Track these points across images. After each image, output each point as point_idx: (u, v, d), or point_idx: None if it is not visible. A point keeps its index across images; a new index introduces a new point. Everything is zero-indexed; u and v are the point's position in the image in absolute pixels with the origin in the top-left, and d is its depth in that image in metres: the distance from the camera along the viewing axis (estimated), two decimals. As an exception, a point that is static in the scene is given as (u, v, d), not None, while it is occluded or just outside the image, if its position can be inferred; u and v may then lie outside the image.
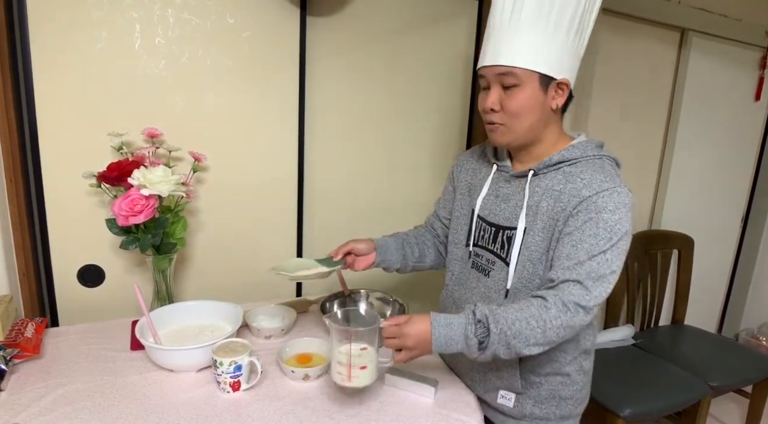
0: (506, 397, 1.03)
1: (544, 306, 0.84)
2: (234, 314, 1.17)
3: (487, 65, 0.93)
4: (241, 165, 1.46)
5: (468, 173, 1.14)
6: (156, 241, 1.18)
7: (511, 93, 0.91)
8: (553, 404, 1.02)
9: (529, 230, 0.95)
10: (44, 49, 1.19)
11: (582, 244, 0.86)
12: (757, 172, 2.71)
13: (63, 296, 1.33)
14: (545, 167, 0.96)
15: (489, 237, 1.03)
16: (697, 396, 1.75)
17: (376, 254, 1.16)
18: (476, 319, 0.85)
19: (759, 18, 2.35)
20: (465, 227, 1.10)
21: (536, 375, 1.01)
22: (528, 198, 0.96)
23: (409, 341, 0.85)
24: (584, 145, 0.96)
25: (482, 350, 0.85)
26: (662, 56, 2.19)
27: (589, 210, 0.87)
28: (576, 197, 0.89)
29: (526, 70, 0.89)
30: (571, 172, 0.93)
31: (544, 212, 0.93)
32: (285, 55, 1.45)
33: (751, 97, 2.51)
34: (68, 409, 0.91)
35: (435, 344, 0.85)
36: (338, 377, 0.89)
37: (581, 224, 0.87)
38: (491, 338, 0.83)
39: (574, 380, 1.02)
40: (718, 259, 2.74)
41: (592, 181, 0.89)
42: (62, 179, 1.26)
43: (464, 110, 1.79)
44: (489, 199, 1.05)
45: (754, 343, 2.69)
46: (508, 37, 0.90)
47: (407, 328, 0.85)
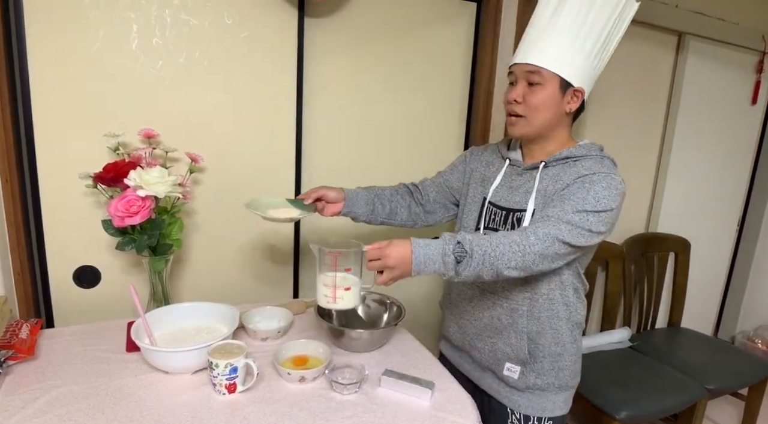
0: (512, 369, 1.13)
1: (525, 234, 0.95)
2: (230, 315, 1.17)
3: (518, 62, 1.06)
4: (238, 166, 1.46)
5: (482, 164, 1.23)
6: (152, 242, 1.17)
7: (534, 89, 1.04)
8: (552, 375, 1.12)
9: (538, 211, 1.06)
10: (41, 49, 1.19)
11: (569, 201, 0.98)
12: (753, 176, 2.72)
13: (58, 297, 1.32)
14: (555, 160, 1.07)
15: (500, 219, 1.13)
16: (693, 398, 1.75)
17: (344, 204, 1.22)
18: (455, 240, 0.94)
19: (756, 22, 2.36)
20: (475, 213, 1.19)
21: (538, 345, 1.10)
22: (537, 184, 1.08)
23: (390, 261, 0.92)
24: (588, 147, 1.08)
25: (458, 268, 0.93)
26: (660, 59, 2.20)
27: (583, 182, 1.00)
28: (575, 176, 1.02)
29: (550, 72, 1.02)
30: (577, 164, 1.06)
31: (552, 194, 1.05)
32: (283, 56, 1.44)
33: (747, 101, 2.52)
34: (63, 411, 0.90)
35: (414, 262, 0.92)
36: (324, 300, 0.96)
37: (574, 189, 1.00)
38: (475, 258, 0.92)
39: (569, 350, 1.12)
40: (715, 262, 2.75)
41: (592, 168, 1.02)
42: (58, 180, 1.26)
43: (462, 111, 1.79)
44: (501, 188, 1.15)
45: (750, 346, 2.70)
46: (542, 41, 1.03)
47: (388, 249, 0.92)
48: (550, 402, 1.13)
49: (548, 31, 1.03)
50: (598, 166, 1.02)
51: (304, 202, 1.17)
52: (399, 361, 1.16)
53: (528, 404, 1.13)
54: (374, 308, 1.34)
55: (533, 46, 1.04)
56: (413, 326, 1.81)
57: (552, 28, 1.02)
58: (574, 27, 1.01)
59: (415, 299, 1.90)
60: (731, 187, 2.66)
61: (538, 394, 1.13)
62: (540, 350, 1.10)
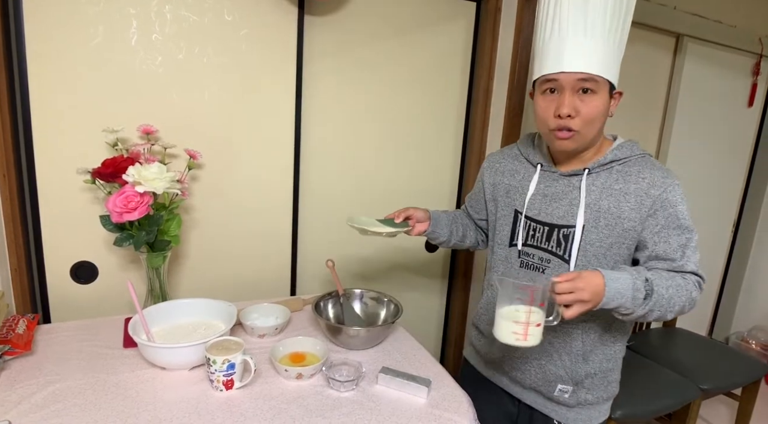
0: (564, 389, 1.09)
1: (684, 279, 0.94)
2: (228, 312, 1.17)
3: (567, 71, 0.95)
4: (237, 163, 1.46)
5: (504, 175, 1.17)
6: (150, 238, 1.17)
7: (588, 99, 0.95)
8: (602, 389, 1.10)
9: (590, 228, 1.00)
10: (40, 44, 1.18)
11: (671, 236, 0.96)
12: (749, 178, 2.74)
13: (55, 293, 1.32)
14: (599, 166, 1.01)
15: (541, 236, 1.06)
16: (687, 399, 1.76)
17: (429, 224, 1.21)
18: (643, 276, 0.90)
19: (753, 25, 2.37)
20: (508, 228, 1.14)
21: (591, 363, 1.07)
22: (585, 196, 1.00)
23: (585, 295, 0.85)
24: (630, 146, 1.02)
25: (643, 304, 0.90)
26: (657, 61, 2.21)
27: (665, 208, 0.96)
28: (648, 197, 0.96)
29: (604, 78, 0.95)
30: (627, 171, 1.00)
31: (606, 210, 0.99)
32: (282, 53, 1.44)
33: (744, 103, 2.53)
34: (59, 406, 0.90)
35: (606, 295, 0.87)
36: (512, 338, 0.88)
37: (663, 221, 0.96)
38: (654, 298, 0.89)
39: (617, 364, 1.11)
40: (710, 263, 2.76)
41: (655, 179, 0.97)
42: (56, 175, 1.25)
43: (461, 110, 1.80)
44: (536, 199, 1.08)
45: (744, 346, 2.72)
46: (589, 46, 0.94)
47: (582, 282, 0.86)
48: (596, 412, 1.12)
49: (589, 33, 0.93)
50: (657, 172, 0.97)
51: (394, 220, 1.17)
52: (396, 358, 1.17)
53: (576, 417, 1.11)
54: (372, 306, 1.35)
55: (580, 50, 0.94)
56: (410, 323, 1.81)
57: (592, 30, 0.93)
58: (612, 28, 0.93)
59: (413, 296, 1.90)
60: (727, 188, 2.68)
61: (588, 407, 1.11)
62: (592, 367, 1.07)
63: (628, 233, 0.99)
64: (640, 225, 0.97)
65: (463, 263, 1.92)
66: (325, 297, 1.32)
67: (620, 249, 1.00)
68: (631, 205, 0.97)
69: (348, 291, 1.35)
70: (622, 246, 1.00)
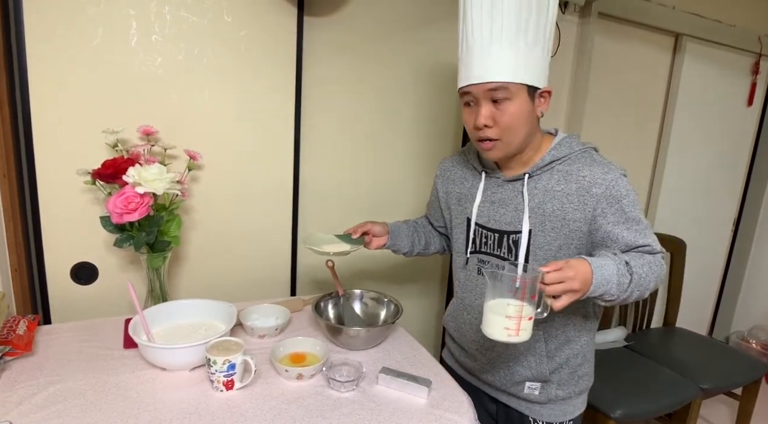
0: (532, 387, 1.11)
1: (653, 256, 0.94)
2: (228, 312, 1.17)
3: (477, 83, 0.96)
4: (237, 164, 1.46)
5: (455, 183, 1.17)
6: (150, 239, 1.17)
7: (503, 107, 0.95)
8: (573, 384, 1.11)
9: (537, 232, 1.00)
10: (39, 44, 1.18)
11: (629, 230, 0.95)
12: (749, 177, 2.74)
13: (56, 294, 1.32)
14: (539, 169, 1.00)
15: (493, 243, 1.07)
16: (687, 398, 1.76)
17: (388, 238, 1.23)
18: (622, 260, 0.89)
19: (752, 24, 2.37)
20: (462, 236, 1.14)
21: (557, 359, 1.08)
22: (529, 200, 1.00)
23: (576, 284, 0.82)
24: (569, 143, 1.01)
25: (627, 289, 0.88)
26: (656, 60, 2.21)
27: (611, 205, 0.95)
28: (591, 197, 0.95)
29: (516, 84, 0.93)
30: (567, 170, 0.98)
31: (551, 212, 0.99)
32: (282, 54, 1.44)
33: (743, 103, 2.53)
34: (60, 407, 0.90)
35: (594, 283, 0.84)
36: (504, 334, 0.84)
37: (612, 218, 0.95)
38: (635, 280, 0.88)
39: (586, 358, 1.12)
40: (710, 262, 2.76)
41: (595, 177, 0.95)
42: (56, 176, 1.26)
43: (458, 111, 1.80)
44: (484, 206, 1.08)
45: (744, 346, 2.72)
46: (495, 54, 0.94)
47: (571, 271, 0.83)
48: (570, 406, 1.13)
49: (496, 41, 0.93)
50: (596, 168, 0.96)
51: (351, 236, 1.20)
52: (396, 359, 1.17)
53: (550, 412, 1.12)
54: (372, 306, 1.35)
55: (486, 61, 0.94)
56: (410, 324, 1.82)
57: (498, 38, 0.93)
58: (520, 31, 0.92)
59: (413, 296, 1.91)
60: (727, 188, 2.68)
61: (560, 403, 1.12)
62: (558, 363, 1.09)
63: (575, 234, 0.98)
64: (586, 225, 0.97)
65: (463, 263, 1.92)
66: (325, 297, 1.32)
67: (569, 250, 1.00)
68: (575, 205, 0.96)
69: (348, 291, 1.35)
70: (570, 247, 1.00)
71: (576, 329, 1.08)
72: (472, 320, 1.15)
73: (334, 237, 1.23)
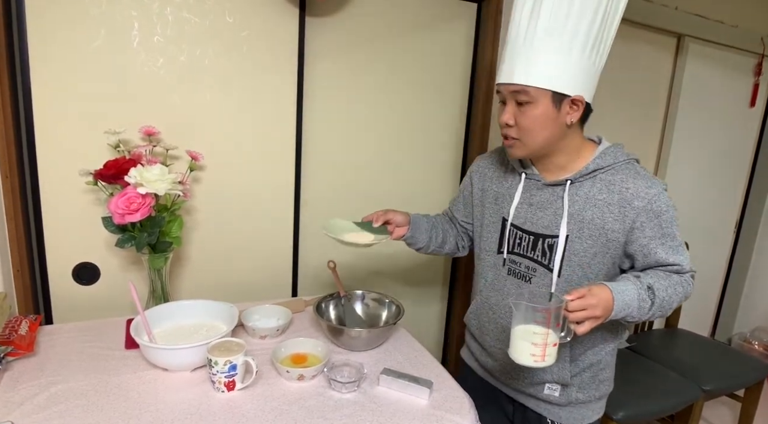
0: (552, 388, 1.10)
1: (681, 276, 0.97)
2: (229, 313, 1.17)
3: (502, 83, 0.97)
4: (238, 164, 1.46)
5: (492, 181, 1.16)
6: (152, 239, 1.18)
7: (525, 110, 0.95)
8: (594, 387, 1.11)
9: (573, 238, 1.00)
10: (42, 45, 1.19)
11: (662, 245, 0.97)
12: (751, 178, 2.73)
13: (58, 294, 1.32)
14: (581, 176, 1.00)
15: (527, 245, 1.06)
16: (689, 400, 1.76)
17: (408, 229, 1.19)
18: (645, 284, 0.92)
19: (755, 25, 2.36)
20: (496, 235, 1.13)
21: (580, 364, 1.08)
22: (569, 206, 1.00)
23: (598, 311, 0.86)
24: (614, 152, 1.00)
25: (648, 312, 0.92)
26: (659, 61, 2.20)
27: (650, 219, 0.96)
28: (632, 209, 0.95)
29: (539, 89, 0.92)
30: (610, 180, 0.98)
31: (590, 220, 0.98)
32: (283, 55, 1.45)
33: (746, 104, 2.53)
34: (62, 407, 0.90)
35: (615, 309, 0.88)
36: (530, 360, 0.87)
37: (650, 232, 0.96)
38: (656, 303, 0.92)
39: (608, 363, 1.12)
40: (712, 263, 2.76)
41: (638, 190, 0.96)
42: (58, 176, 1.26)
43: (462, 111, 1.80)
44: (522, 207, 1.07)
45: (746, 347, 2.71)
46: (524, 56, 0.93)
47: (594, 299, 0.86)
48: (589, 410, 1.12)
49: (528, 42, 0.92)
50: (640, 181, 0.96)
51: (372, 224, 1.16)
52: (398, 360, 1.17)
53: (569, 415, 1.11)
54: (373, 307, 1.35)
55: (516, 62, 0.94)
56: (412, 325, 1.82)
57: (531, 38, 0.92)
58: (555, 33, 0.90)
59: (415, 297, 1.90)
60: (729, 189, 2.67)
61: (579, 406, 1.11)
62: (581, 367, 1.09)
63: (612, 244, 0.98)
64: (624, 236, 0.97)
65: (464, 264, 1.91)
66: (326, 298, 1.32)
67: (604, 258, 1.00)
68: (615, 215, 0.97)
69: (349, 292, 1.35)
70: (606, 255, 1.00)
71: (603, 337, 1.08)
72: (497, 319, 1.14)
73: (354, 225, 1.17)
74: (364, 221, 1.18)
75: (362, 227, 1.17)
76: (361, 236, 1.15)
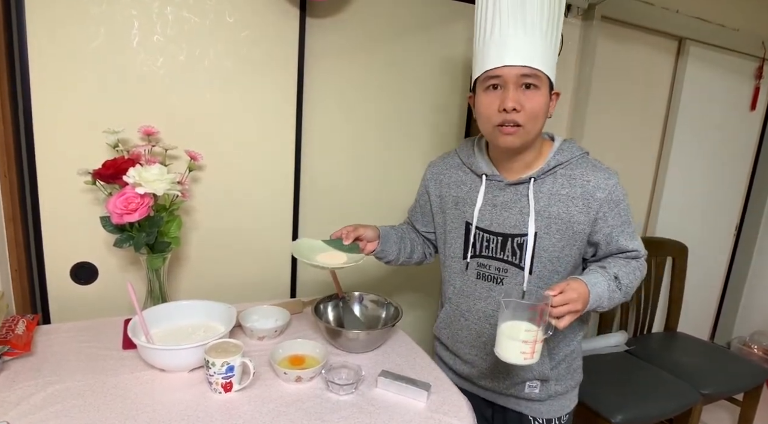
0: (532, 385, 1.12)
1: (638, 261, 1.03)
2: (227, 314, 1.16)
3: (510, 64, 0.93)
4: (238, 164, 1.46)
5: (450, 187, 1.15)
6: (150, 239, 1.17)
7: (531, 94, 0.94)
8: (569, 377, 1.14)
9: (542, 234, 1.02)
10: (41, 44, 1.18)
11: (622, 232, 1.02)
12: (751, 182, 2.73)
13: (55, 294, 1.32)
14: (543, 173, 1.02)
15: (495, 246, 1.06)
16: (688, 403, 1.75)
17: (378, 243, 1.17)
18: (611, 274, 0.97)
19: (756, 28, 2.36)
20: (460, 240, 1.12)
21: (556, 357, 1.11)
22: (534, 204, 1.01)
23: (579, 305, 0.89)
24: (569, 148, 1.04)
25: (616, 300, 0.98)
26: (660, 64, 2.20)
27: (611, 208, 1.00)
28: (595, 201, 0.99)
29: (544, 74, 0.95)
30: (570, 175, 1.01)
31: (557, 215, 1.01)
32: (283, 55, 1.44)
33: (746, 107, 2.52)
34: (58, 407, 0.90)
35: (590, 301, 0.92)
36: (520, 357, 0.88)
37: (612, 221, 1.01)
38: (622, 290, 0.98)
39: (579, 352, 1.16)
40: (712, 267, 2.75)
41: (599, 182, 1.00)
42: (57, 176, 1.25)
43: (462, 112, 1.79)
44: (486, 209, 1.07)
45: (746, 351, 2.71)
46: (528, 41, 0.93)
47: (574, 294, 0.88)
48: (567, 400, 1.16)
49: (529, 29, 0.92)
50: (599, 173, 1.00)
51: (343, 241, 1.12)
52: (396, 362, 1.16)
53: (549, 409, 1.13)
54: (371, 309, 1.34)
55: (522, 45, 0.92)
56: (410, 327, 1.81)
57: (531, 23, 0.92)
58: (543, 17, 0.92)
59: (413, 299, 1.90)
60: (729, 192, 2.67)
61: (558, 398, 1.14)
62: (557, 360, 1.11)
63: (577, 235, 1.02)
64: (589, 227, 1.01)
65: (463, 265, 1.91)
66: (325, 300, 1.31)
67: (572, 250, 1.04)
68: (579, 208, 1.00)
69: (348, 294, 1.35)
70: (573, 247, 1.03)
71: (572, 328, 1.11)
72: (470, 325, 1.14)
73: (323, 244, 1.14)
74: (333, 239, 1.14)
75: (331, 245, 1.14)
76: (332, 256, 1.12)
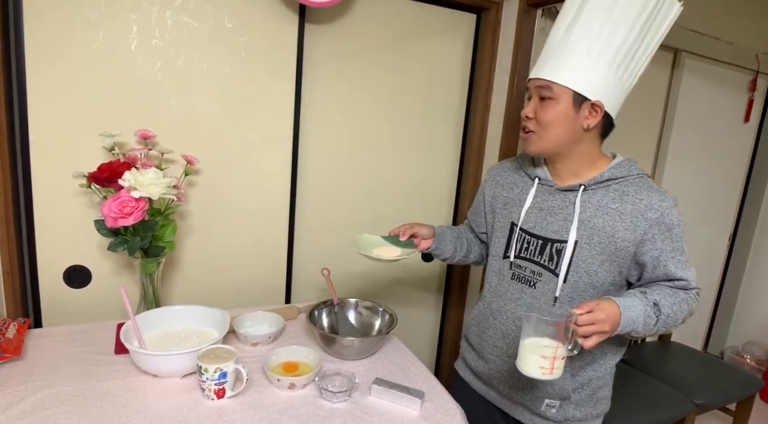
0: (551, 404, 1.09)
1: (686, 293, 0.98)
2: (221, 319, 1.16)
3: (531, 77, 1.03)
4: (234, 169, 1.46)
5: (503, 188, 1.18)
6: (145, 244, 1.17)
7: (546, 105, 1.00)
8: (591, 405, 1.10)
9: (582, 244, 1.01)
10: (39, 47, 1.18)
11: (672, 259, 0.98)
12: (744, 193, 2.75)
13: (48, 297, 1.31)
14: (595, 183, 1.02)
15: (534, 249, 1.07)
16: (681, 413, 1.76)
17: (433, 241, 1.21)
18: (651, 301, 0.93)
19: (750, 42, 2.39)
20: (503, 240, 1.14)
21: (580, 379, 1.08)
22: (580, 212, 1.01)
23: (607, 326, 0.87)
24: (628, 165, 1.03)
25: (653, 327, 0.94)
26: (655, 76, 2.22)
27: (662, 232, 0.97)
28: (644, 220, 0.97)
29: (561, 86, 0.97)
30: (624, 191, 1.00)
31: (601, 227, 0.99)
32: (281, 61, 1.45)
33: (740, 119, 2.55)
34: (48, 413, 0.89)
35: (622, 324, 0.89)
36: (539, 372, 0.87)
37: (661, 245, 0.97)
38: (661, 319, 0.93)
39: (607, 382, 1.12)
40: (705, 277, 2.76)
41: (652, 202, 0.98)
42: (52, 178, 1.25)
43: (459, 119, 1.80)
44: (532, 212, 1.09)
45: (738, 361, 2.71)
46: (555, 56, 0.99)
47: (602, 314, 0.87)
48: None
49: (563, 44, 0.98)
50: (654, 194, 0.98)
51: (399, 237, 1.17)
52: (390, 369, 1.16)
53: None
54: (366, 316, 1.34)
55: (548, 60, 1.00)
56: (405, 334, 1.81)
57: (566, 41, 0.98)
58: (590, 39, 0.96)
59: (408, 307, 1.90)
60: (723, 203, 2.69)
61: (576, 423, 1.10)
62: (581, 382, 1.08)
63: (620, 253, 0.99)
64: (634, 246, 0.98)
65: (459, 275, 1.91)
66: (319, 306, 1.31)
67: (611, 267, 1.00)
68: (626, 225, 0.98)
69: (343, 300, 1.34)
70: (613, 264, 1.00)
71: (603, 351, 1.08)
72: (497, 325, 1.14)
73: (382, 239, 1.20)
74: (391, 235, 1.20)
75: (389, 241, 1.19)
76: (388, 250, 1.17)
